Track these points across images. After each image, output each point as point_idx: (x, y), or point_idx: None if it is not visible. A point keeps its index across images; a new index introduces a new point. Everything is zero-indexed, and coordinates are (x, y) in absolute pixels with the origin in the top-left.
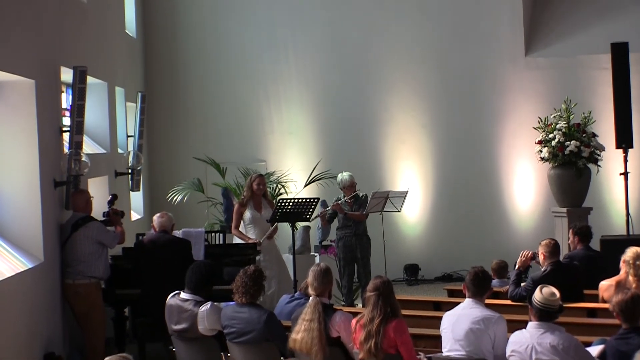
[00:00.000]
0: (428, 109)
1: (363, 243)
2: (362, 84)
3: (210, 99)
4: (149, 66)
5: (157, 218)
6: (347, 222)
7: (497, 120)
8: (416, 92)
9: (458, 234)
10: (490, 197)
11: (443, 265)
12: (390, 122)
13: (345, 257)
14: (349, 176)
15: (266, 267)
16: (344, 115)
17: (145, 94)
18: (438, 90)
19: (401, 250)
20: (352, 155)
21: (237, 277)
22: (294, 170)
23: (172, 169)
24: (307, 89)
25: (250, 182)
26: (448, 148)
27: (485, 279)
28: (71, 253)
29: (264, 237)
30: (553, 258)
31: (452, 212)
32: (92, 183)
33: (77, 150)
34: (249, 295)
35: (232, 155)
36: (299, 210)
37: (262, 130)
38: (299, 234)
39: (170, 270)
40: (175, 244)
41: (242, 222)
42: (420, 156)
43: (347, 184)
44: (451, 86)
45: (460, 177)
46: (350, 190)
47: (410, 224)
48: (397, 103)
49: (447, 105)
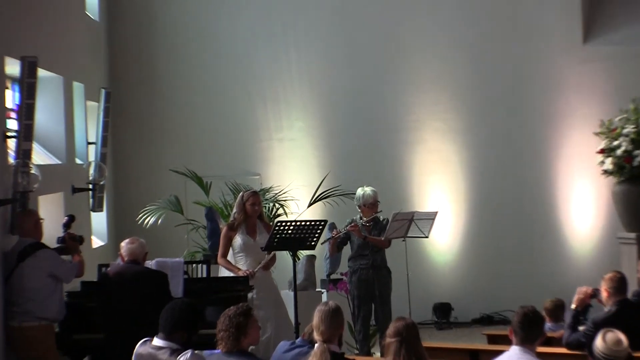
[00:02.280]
0: (463, 112)
1: (382, 277)
2: (380, 81)
3: (192, 99)
4: (115, 57)
5: (126, 245)
6: (362, 250)
7: (549, 125)
8: (448, 91)
9: (501, 266)
10: (541, 220)
11: (482, 304)
12: (416, 127)
13: (360, 294)
14: (373, 192)
15: (260, 306)
16: (357, 119)
17: (110, 91)
18: (475, 89)
19: (429, 286)
20: (368, 168)
21: (220, 319)
22: (295, 186)
23: (143, 184)
24: (311, 88)
25: (242, 201)
26: (487, 159)
27: (537, 321)
28: (17, 289)
29: (257, 268)
30: (619, 296)
31: (493, 238)
32: (43, 201)
33: (25, 161)
34: (236, 342)
35: (218, 168)
36: (302, 236)
37: (256, 137)
38: (302, 265)
39: (141, 310)
40: (147, 278)
41: (231, 249)
42: (452, 169)
43: (370, 201)
44: (491, 84)
45: (502, 195)
46: (371, 210)
47: (441, 253)
48: (425, 104)
49: (487, 106)
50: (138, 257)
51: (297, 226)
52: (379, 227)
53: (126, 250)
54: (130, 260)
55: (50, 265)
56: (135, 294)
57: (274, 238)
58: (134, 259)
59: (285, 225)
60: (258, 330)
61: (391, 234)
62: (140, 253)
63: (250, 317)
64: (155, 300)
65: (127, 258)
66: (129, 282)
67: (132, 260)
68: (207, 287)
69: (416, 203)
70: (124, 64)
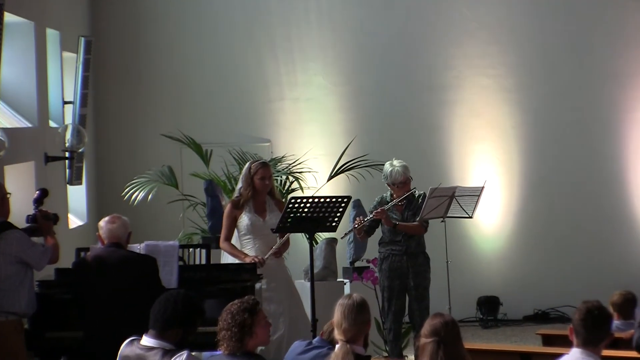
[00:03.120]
0: (517, 67)
1: (418, 265)
2: (413, 27)
3: (188, 50)
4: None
5: (105, 224)
6: (394, 234)
7: (625, 86)
8: (499, 40)
9: (560, 254)
10: (611, 202)
11: (535, 298)
12: (459, 85)
13: (391, 285)
14: (402, 168)
15: (271, 299)
16: (388, 74)
17: (91, 40)
18: (531, 38)
19: (473, 276)
20: (400, 134)
21: (221, 315)
22: (312, 155)
23: (130, 153)
24: (333, 34)
25: (250, 173)
26: (546, 124)
27: (603, 319)
28: None
29: (268, 254)
30: None
31: (551, 221)
32: (10, 172)
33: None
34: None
35: (220, 133)
36: (321, 215)
37: (266, 95)
38: (320, 250)
39: (126, 303)
40: (134, 264)
41: (236, 231)
42: (503, 137)
43: (399, 178)
44: (552, 30)
45: (565, 170)
46: (402, 189)
47: (487, 237)
48: (469, 56)
49: (547, 61)
50: (120, 239)
51: (314, 203)
52: (414, 206)
53: (106, 232)
54: (112, 243)
55: (18, 250)
56: (120, 284)
57: (287, 217)
58: (115, 242)
59: (300, 202)
60: (268, 329)
61: (428, 214)
62: (122, 234)
63: (258, 313)
64: (143, 291)
65: (108, 241)
66: (112, 270)
67: (113, 243)
68: (207, 276)
69: (458, 176)
70: (108, 8)
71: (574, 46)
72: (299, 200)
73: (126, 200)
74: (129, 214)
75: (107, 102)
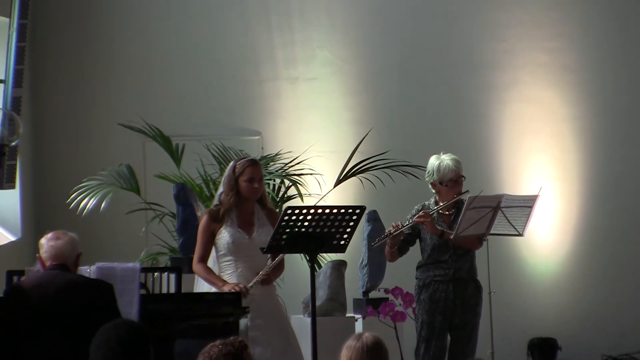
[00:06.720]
0: (580, 43)
1: (468, 297)
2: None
3: (154, 15)
4: None
5: (47, 242)
6: (439, 254)
7: None
8: (557, 9)
9: (637, 283)
10: None
11: (605, 341)
12: (508, 64)
13: (432, 321)
14: (454, 162)
15: (258, 339)
16: (414, 48)
17: (28, 2)
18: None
19: (524, 311)
20: (431, 126)
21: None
22: (315, 152)
23: (78, 147)
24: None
25: (234, 174)
26: (618, 117)
27: None
28: None
29: (253, 281)
30: None
31: (626, 240)
32: None
33: None
34: None
35: (194, 123)
36: (326, 231)
37: (255, 75)
38: (325, 276)
39: (73, 341)
40: (84, 291)
41: (215, 250)
42: (562, 129)
43: (449, 175)
44: None
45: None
46: (453, 189)
47: (542, 261)
48: (521, 29)
49: (623, 33)
50: (67, 260)
51: (317, 215)
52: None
53: (49, 250)
54: (56, 264)
55: None
56: (65, 317)
57: (282, 233)
58: (61, 263)
59: (299, 213)
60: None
61: (464, 230)
62: (70, 254)
63: (244, 358)
64: (96, 326)
65: (51, 262)
66: (56, 299)
67: (58, 264)
68: (177, 308)
69: (505, 181)
70: None
71: None
72: (298, 210)
73: (72, 210)
74: (77, 227)
75: (49, 81)
